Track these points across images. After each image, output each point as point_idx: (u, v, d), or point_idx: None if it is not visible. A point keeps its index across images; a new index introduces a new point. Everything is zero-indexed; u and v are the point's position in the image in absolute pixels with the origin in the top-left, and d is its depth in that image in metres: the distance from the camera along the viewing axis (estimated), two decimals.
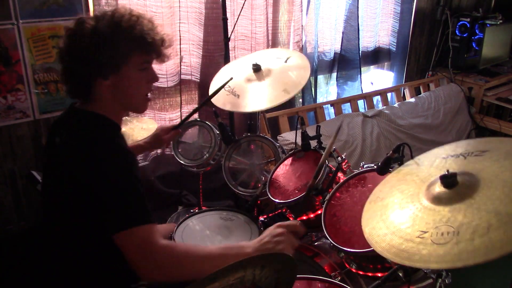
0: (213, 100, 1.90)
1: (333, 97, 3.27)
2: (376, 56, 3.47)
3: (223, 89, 1.91)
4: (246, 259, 0.89)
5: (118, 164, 1.13)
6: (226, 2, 2.14)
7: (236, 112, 2.33)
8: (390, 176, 1.26)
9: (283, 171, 1.81)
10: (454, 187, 0.99)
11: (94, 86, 1.21)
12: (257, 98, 1.87)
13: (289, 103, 2.93)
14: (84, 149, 1.14)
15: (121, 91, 1.24)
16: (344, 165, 1.70)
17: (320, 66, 3.04)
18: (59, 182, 1.20)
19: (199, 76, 2.51)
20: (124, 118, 1.80)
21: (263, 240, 1.21)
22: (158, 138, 1.78)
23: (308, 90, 2.99)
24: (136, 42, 1.21)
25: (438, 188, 1.02)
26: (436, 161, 1.17)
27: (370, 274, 1.37)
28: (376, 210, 1.14)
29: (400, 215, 1.06)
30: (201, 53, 2.46)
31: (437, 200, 1.01)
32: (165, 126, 1.86)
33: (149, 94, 1.33)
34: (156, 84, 2.33)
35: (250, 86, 1.92)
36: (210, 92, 1.92)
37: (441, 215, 0.96)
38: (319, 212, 1.53)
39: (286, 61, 2.00)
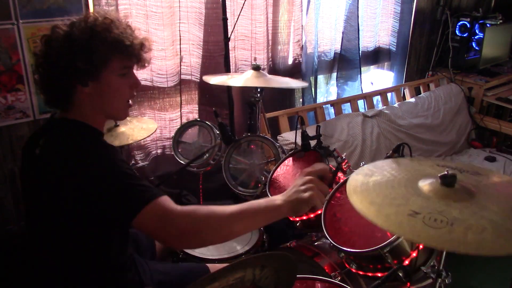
0: (208, 79, 1.92)
1: (333, 97, 3.26)
2: (376, 56, 3.47)
3: (221, 80, 1.95)
4: (246, 259, 0.89)
5: (104, 159, 1.12)
6: (226, 2, 2.14)
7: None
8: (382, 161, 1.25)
9: (283, 171, 1.81)
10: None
11: (74, 94, 1.19)
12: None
13: (289, 103, 2.94)
14: (69, 156, 1.12)
15: (101, 98, 1.21)
16: (344, 165, 1.70)
17: (320, 66, 3.04)
18: (44, 192, 1.17)
19: (199, 76, 2.51)
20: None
21: (291, 189, 1.16)
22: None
23: (308, 90, 2.99)
24: (113, 46, 1.17)
25: (436, 186, 1.01)
26: (432, 165, 1.17)
27: (370, 274, 1.37)
28: (365, 182, 1.11)
29: (389, 192, 1.04)
30: (201, 53, 2.46)
31: (433, 192, 1.00)
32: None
33: (130, 101, 1.29)
34: (156, 84, 2.39)
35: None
36: None
37: (435, 204, 0.96)
38: (319, 212, 1.53)
39: None
